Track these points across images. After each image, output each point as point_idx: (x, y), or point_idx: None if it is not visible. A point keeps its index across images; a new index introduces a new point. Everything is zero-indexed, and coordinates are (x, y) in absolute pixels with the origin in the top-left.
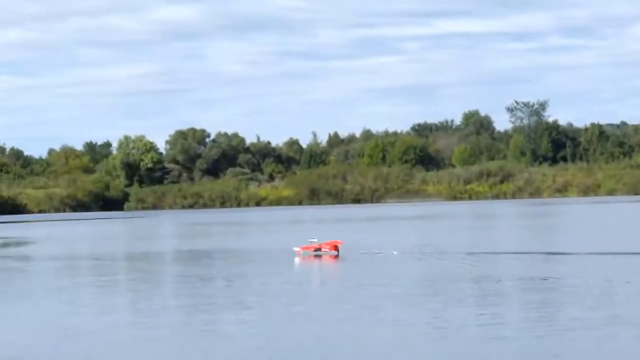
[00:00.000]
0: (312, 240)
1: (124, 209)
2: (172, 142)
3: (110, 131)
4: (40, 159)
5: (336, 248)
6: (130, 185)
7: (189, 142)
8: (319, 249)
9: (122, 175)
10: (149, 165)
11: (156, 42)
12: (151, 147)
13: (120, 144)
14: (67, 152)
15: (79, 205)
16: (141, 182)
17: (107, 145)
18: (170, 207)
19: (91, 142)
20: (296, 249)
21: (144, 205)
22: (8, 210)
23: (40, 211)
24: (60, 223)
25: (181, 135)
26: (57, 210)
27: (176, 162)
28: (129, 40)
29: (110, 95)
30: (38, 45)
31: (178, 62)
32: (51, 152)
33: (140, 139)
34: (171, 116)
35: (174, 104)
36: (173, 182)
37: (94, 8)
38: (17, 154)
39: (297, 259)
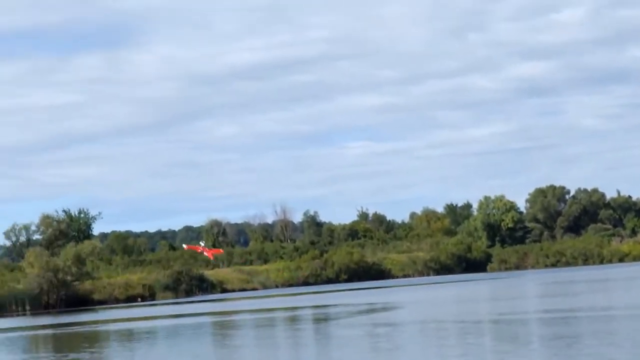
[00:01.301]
0: (200, 243)
1: (486, 270)
2: (532, 200)
3: (470, 192)
4: (403, 223)
5: (209, 251)
6: (492, 245)
7: (549, 199)
8: (207, 252)
9: (483, 236)
10: (510, 224)
11: (512, 100)
12: (511, 207)
13: (481, 205)
14: (429, 215)
15: (442, 268)
16: (503, 242)
17: (468, 206)
18: (533, 267)
19: (452, 204)
20: (184, 246)
21: (506, 265)
22: (373, 276)
23: (404, 275)
24: (425, 287)
25: (541, 193)
26: (420, 273)
27: (537, 220)
28: (485, 99)
29: (469, 156)
30: (395, 109)
31: (535, 118)
32: (413, 215)
33: (500, 198)
34: (530, 174)
35: (532, 162)
36: (534, 241)
37: (449, 70)
38: (380, 219)
39: None
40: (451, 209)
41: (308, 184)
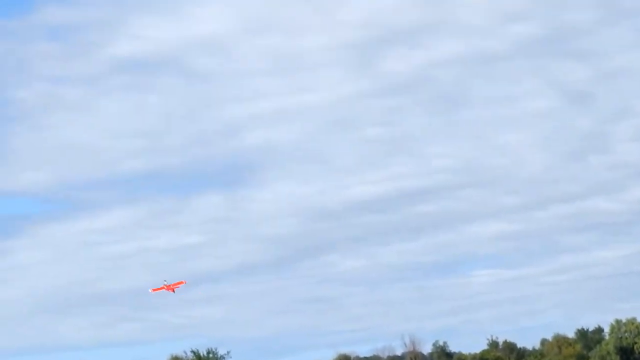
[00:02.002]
0: (165, 281)
1: None
2: None
3: (601, 315)
4: (534, 350)
5: (172, 286)
6: None
7: None
8: (169, 289)
9: None
10: None
11: (637, 221)
12: None
13: (612, 329)
14: (560, 341)
15: None
16: None
17: (599, 330)
18: None
19: (582, 329)
20: (150, 290)
21: None
22: None
23: None
24: None
25: None
26: None
27: None
28: (609, 221)
29: (597, 279)
30: (519, 235)
31: None
32: (544, 342)
33: (632, 321)
34: None
35: None
36: None
37: (571, 193)
38: (510, 347)
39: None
40: (582, 334)
41: (436, 314)
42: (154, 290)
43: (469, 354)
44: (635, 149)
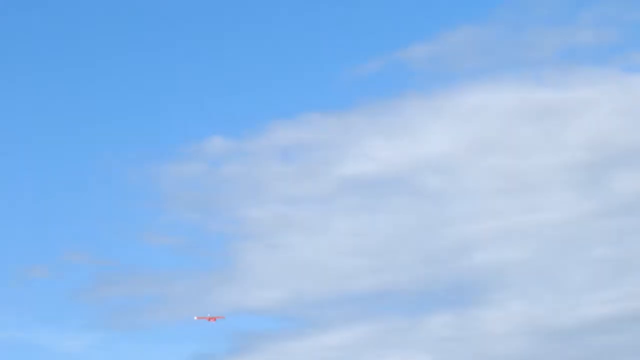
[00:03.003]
0: (208, 314)
1: None
2: None
3: None
4: None
5: (214, 319)
6: None
7: None
8: (210, 319)
9: None
10: None
11: None
12: None
13: None
14: None
15: None
16: None
17: None
18: None
19: None
20: (195, 317)
21: None
22: None
23: None
24: None
25: None
26: None
27: None
28: None
29: None
30: None
31: None
32: None
33: None
34: None
35: None
36: None
37: None
38: None
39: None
40: None
41: None
42: (198, 318)
43: None
44: None
